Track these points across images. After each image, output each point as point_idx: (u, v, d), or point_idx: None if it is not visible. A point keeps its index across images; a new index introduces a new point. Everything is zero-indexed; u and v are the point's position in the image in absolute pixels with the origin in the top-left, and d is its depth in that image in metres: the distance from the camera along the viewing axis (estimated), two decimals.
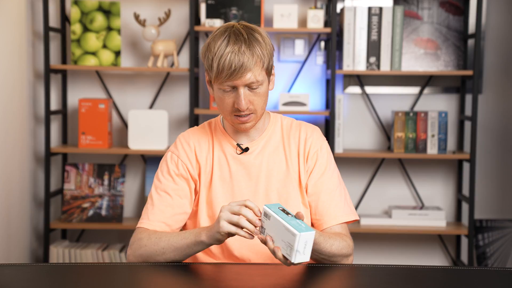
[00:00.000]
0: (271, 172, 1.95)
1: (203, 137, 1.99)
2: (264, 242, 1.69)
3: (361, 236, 3.70)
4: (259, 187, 1.94)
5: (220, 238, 1.75)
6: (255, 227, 1.70)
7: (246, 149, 1.95)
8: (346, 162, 3.69)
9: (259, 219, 1.71)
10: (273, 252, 1.67)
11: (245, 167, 1.95)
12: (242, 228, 1.71)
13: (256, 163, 1.95)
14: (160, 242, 1.84)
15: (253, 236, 1.71)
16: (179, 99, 3.67)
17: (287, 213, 1.66)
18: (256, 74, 1.83)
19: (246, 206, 1.72)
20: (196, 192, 1.97)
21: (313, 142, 1.97)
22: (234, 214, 1.71)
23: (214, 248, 1.92)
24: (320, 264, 1.86)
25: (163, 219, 1.92)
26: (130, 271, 1.77)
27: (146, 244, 1.85)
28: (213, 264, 1.87)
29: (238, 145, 1.96)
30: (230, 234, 1.73)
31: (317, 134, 2.00)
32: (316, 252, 1.80)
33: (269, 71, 1.89)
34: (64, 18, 3.59)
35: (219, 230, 1.72)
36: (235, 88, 1.84)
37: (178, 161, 1.96)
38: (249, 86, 1.84)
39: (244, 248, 1.91)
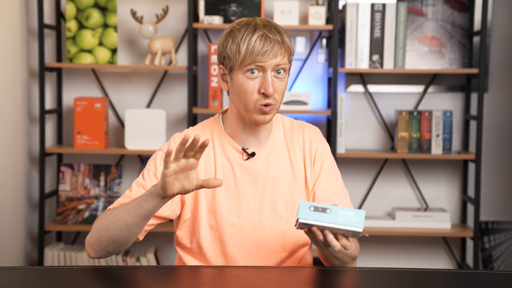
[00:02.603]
0: (277, 179, 1.87)
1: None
2: (308, 232, 1.63)
3: (364, 238, 3.64)
4: (266, 195, 1.86)
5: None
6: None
7: (253, 154, 1.86)
8: (348, 163, 3.63)
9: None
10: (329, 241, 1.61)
11: (251, 174, 1.85)
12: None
13: (263, 170, 1.86)
14: (116, 210, 1.75)
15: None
16: (177, 98, 3.61)
17: (323, 210, 1.59)
18: (285, 59, 1.78)
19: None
20: (183, 202, 1.86)
21: (318, 145, 1.92)
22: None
23: (214, 259, 1.85)
24: (324, 267, 1.82)
25: None
26: (126, 274, 1.73)
27: (103, 217, 1.76)
28: (213, 268, 1.83)
29: (244, 150, 1.86)
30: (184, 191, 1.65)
31: (320, 136, 1.96)
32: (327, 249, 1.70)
33: (289, 67, 1.83)
34: (59, 15, 3.53)
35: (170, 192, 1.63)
36: (261, 73, 1.77)
37: None
38: (276, 71, 1.78)
39: (249, 260, 1.85)
